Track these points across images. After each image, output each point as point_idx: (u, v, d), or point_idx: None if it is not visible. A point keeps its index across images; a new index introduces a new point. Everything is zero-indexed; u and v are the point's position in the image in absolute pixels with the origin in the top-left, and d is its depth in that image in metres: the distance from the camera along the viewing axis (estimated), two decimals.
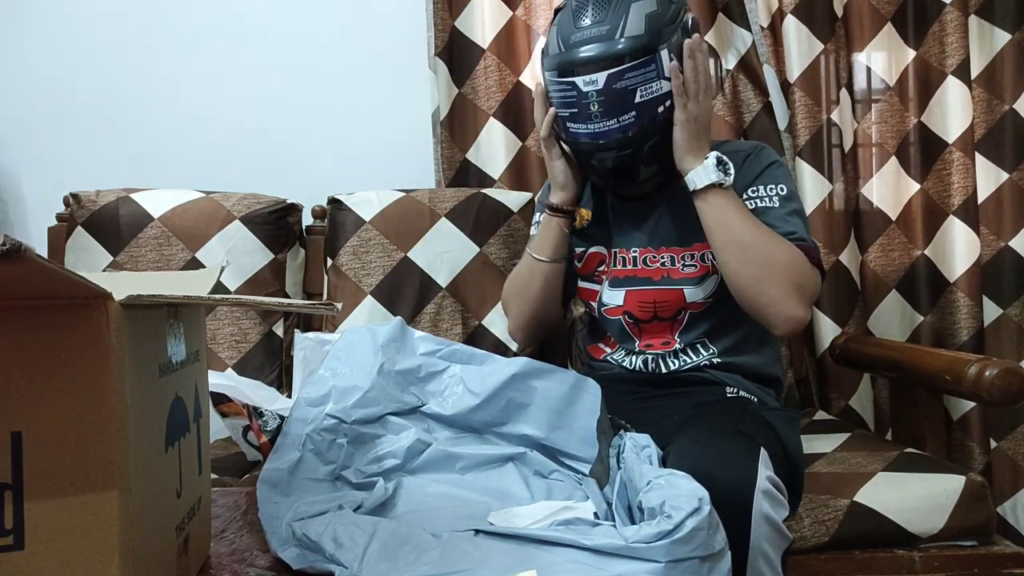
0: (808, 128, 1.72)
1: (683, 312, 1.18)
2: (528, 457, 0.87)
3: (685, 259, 1.17)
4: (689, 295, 1.16)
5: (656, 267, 1.19)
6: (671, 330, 1.19)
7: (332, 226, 1.69)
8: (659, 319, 1.18)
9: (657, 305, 1.18)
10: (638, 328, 1.20)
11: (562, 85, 1.09)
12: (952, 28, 1.73)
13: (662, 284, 1.18)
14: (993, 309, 1.79)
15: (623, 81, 1.04)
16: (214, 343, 1.61)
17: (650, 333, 1.20)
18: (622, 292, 1.21)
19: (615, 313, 1.21)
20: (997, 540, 1.14)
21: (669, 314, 1.18)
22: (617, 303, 1.21)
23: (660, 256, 1.19)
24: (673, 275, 1.18)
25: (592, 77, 1.05)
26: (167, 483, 0.53)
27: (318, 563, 0.64)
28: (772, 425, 1.02)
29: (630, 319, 1.20)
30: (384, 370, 0.86)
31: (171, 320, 0.56)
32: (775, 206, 1.12)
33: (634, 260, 1.20)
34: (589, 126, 1.08)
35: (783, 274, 1.05)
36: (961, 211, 1.74)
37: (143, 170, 1.85)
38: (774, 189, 1.14)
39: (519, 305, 1.28)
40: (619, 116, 1.06)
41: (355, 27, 1.90)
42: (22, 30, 1.87)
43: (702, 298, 1.16)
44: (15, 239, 0.33)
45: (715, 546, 0.62)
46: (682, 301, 1.17)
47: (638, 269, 1.20)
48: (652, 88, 1.06)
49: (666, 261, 1.18)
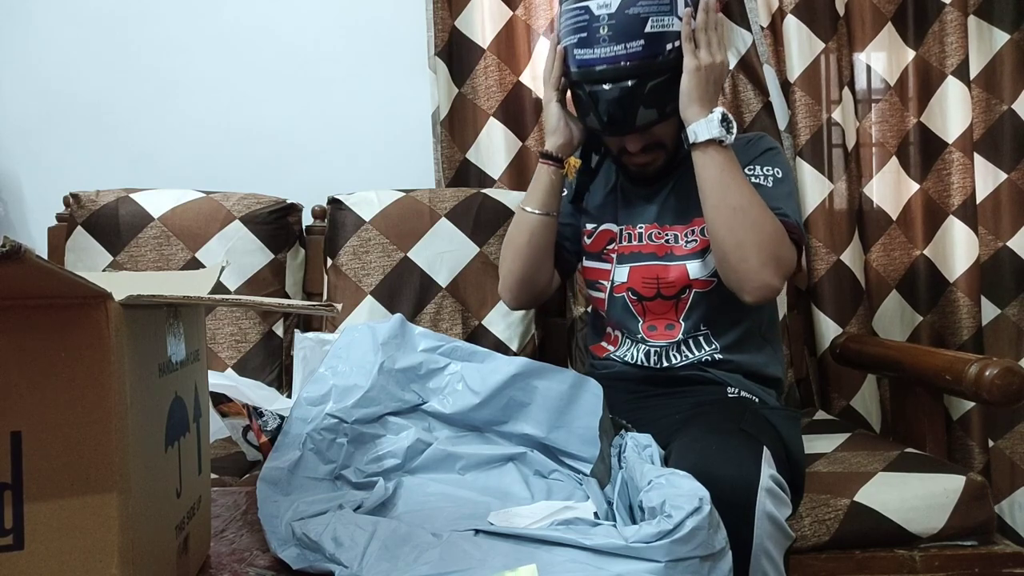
0: (809, 128, 1.72)
1: (687, 291, 1.19)
2: (528, 457, 0.87)
3: (687, 235, 1.19)
4: (692, 271, 1.18)
5: (660, 243, 1.21)
6: (675, 311, 1.20)
7: (332, 226, 1.69)
8: (662, 297, 1.19)
9: (660, 282, 1.19)
10: (641, 306, 1.21)
11: (575, 11, 1.10)
12: (952, 28, 1.74)
13: (665, 260, 1.20)
14: (991, 309, 1.79)
15: (636, 7, 1.06)
16: (214, 343, 1.61)
17: (654, 313, 1.21)
18: (627, 268, 1.23)
19: (620, 290, 1.23)
20: (997, 540, 1.14)
21: (672, 292, 1.19)
22: (622, 280, 1.23)
23: (664, 233, 1.21)
24: (676, 251, 1.19)
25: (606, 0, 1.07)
26: (167, 483, 0.53)
27: (318, 563, 0.64)
28: (774, 424, 1.02)
29: (633, 295, 1.21)
30: (384, 368, 0.86)
31: (171, 320, 0.56)
32: (768, 186, 1.15)
33: (639, 236, 1.22)
34: (596, 50, 1.08)
35: (767, 244, 1.07)
36: (961, 211, 1.74)
37: (143, 170, 1.85)
38: (770, 171, 1.16)
39: (507, 263, 1.28)
40: (627, 43, 1.07)
41: (355, 27, 1.90)
42: (23, 31, 1.87)
43: (705, 275, 1.17)
44: (15, 239, 0.33)
45: (716, 545, 0.62)
46: (686, 278, 1.18)
47: (643, 245, 1.22)
48: (664, 21, 1.07)
49: (670, 239, 1.20)
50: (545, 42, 1.81)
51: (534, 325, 1.68)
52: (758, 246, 1.06)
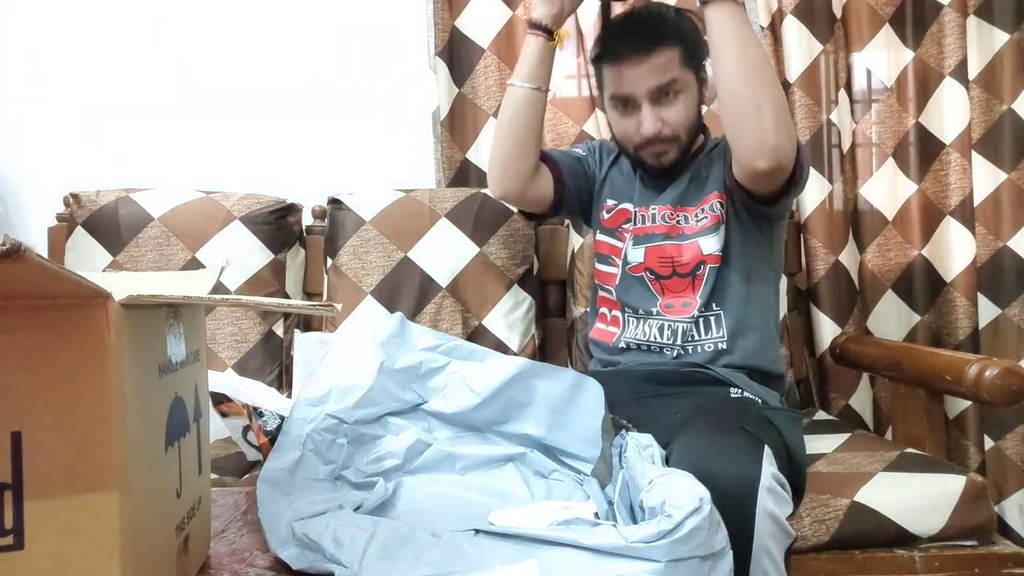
0: (808, 128, 1.72)
1: (701, 266, 1.20)
2: (528, 457, 0.87)
3: (698, 215, 1.22)
4: (704, 246, 1.20)
5: (672, 224, 1.23)
6: (692, 288, 1.21)
7: (332, 226, 1.69)
8: (678, 275, 1.22)
9: (675, 261, 1.22)
10: (660, 284, 1.23)
11: None
12: (950, 29, 1.74)
13: (678, 239, 1.22)
14: (992, 309, 1.79)
15: None
16: (214, 343, 1.61)
17: (672, 291, 1.23)
18: (642, 249, 1.25)
19: (638, 270, 1.25)
20: (997, 540, 1.13)
21: (687, 270, 1.21)
22: (639, 260, 1.25)
23: (677, 214, 1.23)
24: (687, 231, 1.22)
25: None
26: (167, 483, 0.53)
27: (318, 563, 0.64)
28: (775, 424, 1.03)
29: (652, 275, 1.24)
30: (384, 368, 0.86)
31: (171, 320, 0.56)
32: None
33: (653, 217, 1.25)
34: None
35: (782, 107, 1.06)
36: (958, 212, 1.74)
37: (143, 170, 1.85)
38: None
39: (494, 142, 1.27)
40: None
41: (355, 27, 1.90)
42: (23, 30, 1.87)
43: (717, 249, 1.20)
44: (15, 239, 0.33)
45: (716, 545, 0.62)
46: (699, 254, 1.20)
47: (656, 226, 1.25)
48: None
49: (681, 219, 1.23)
50: None
51: (534, 325, 1.68)
52: (774, 107, 1.04)
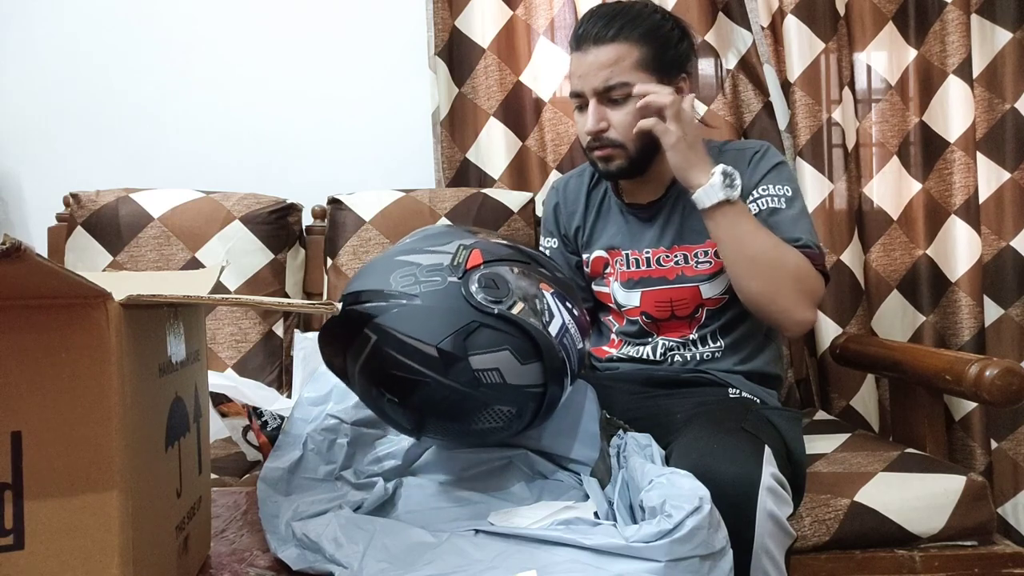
0: (809, 128, 1.72)
1: (700, 309, 1.19)
2: (528, 457, 0.87)
3: (698, 256, 1.19)
4: (705, 291, 1.18)
5: (670, 266, 1.20)
6: (689, 327, 1.21)
7: (332, 226, 1.69)
8: (676, 317, 1.21)
9: (674, 304, 1.20)
10: (656, 326, 1.22)
11: None
12: (953, 27, 1.73)
13: (677, 283, 1.20)
14: (994, 309, 1.79)
15: None
16: (214, 343, 1.61)
17: (668, 329, 1.22)
18: (638, 293, 1.22)
19: (634, 314, 1.23)
20: (997, 540, 1.13)
21: (686, 312, 1.20)
22: (634, 304, 1.22)
23: (673, 255, 1.20)
24: (687, 272, 1.19)
25: None
26: (167, 483, 0.53)
27: (318, 563, 0.64)
28: (775, 424, 1.02)
29: (648, 319, 1.22)
30: None
31: (171, 320, 0.56)
32: (782, 207, 1.15)
33: (647, 261, 1.22)
34: None
35: (792, 283, 1.08)
36: (963, 211, 1.74)
37: (143, 170, 1.85)
38: (781, 189, 1.16)
39: None
40: None
41: (355, 27, 1.90)
42: (23, 30, 1.87)
43: (718, 293, 1.18)
44: (15, 239, 0.33)
45: (716, 545, 0.62)
46: (699, 298, 1.19)
47: (652, 269, 1.21)
48: None
49: (679, 259, 1.20)
50: (545, 42, 1.81)
51: None
52: (784, 288, 1.08)
